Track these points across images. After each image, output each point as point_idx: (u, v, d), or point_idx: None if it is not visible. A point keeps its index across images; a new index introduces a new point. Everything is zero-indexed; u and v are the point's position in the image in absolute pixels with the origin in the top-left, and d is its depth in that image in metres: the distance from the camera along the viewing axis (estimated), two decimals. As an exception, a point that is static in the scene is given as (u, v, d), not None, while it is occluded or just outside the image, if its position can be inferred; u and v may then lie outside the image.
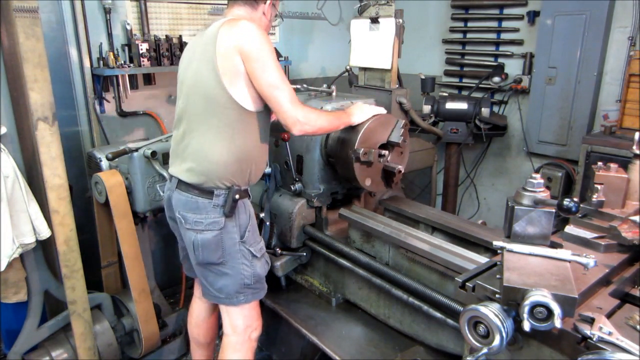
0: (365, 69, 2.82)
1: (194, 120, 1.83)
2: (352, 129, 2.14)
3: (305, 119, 1.76)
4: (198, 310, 2.28)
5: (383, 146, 2.21)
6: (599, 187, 1.52)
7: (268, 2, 1.94)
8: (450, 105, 3.48)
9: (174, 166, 1.93)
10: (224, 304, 1.97)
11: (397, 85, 2.69)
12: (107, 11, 2.84)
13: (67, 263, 2.22)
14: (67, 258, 2.22)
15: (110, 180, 2.38)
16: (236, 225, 1.86)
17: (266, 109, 1.87)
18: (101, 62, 2.85)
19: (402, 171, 2.31)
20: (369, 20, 2.64)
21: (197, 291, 2.27)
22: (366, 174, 2.18)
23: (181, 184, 1.87)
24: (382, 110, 2.18)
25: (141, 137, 3.15)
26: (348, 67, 2.97)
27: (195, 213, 1.83)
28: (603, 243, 1.42)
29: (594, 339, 1.01)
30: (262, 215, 2.49)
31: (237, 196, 1.81)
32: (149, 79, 3.15)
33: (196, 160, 1.82)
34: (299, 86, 2.73)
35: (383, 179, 2.28)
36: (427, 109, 3.50)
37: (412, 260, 2.03)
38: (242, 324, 2.00)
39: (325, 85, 2.60)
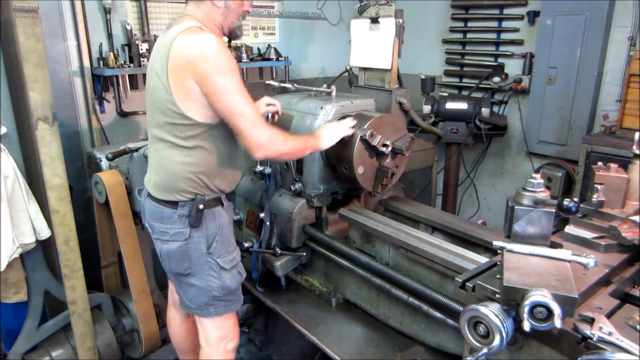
0: (365, 69, 2.82)
1: (154, 134, 1.76)
2: (363, 116, 2.19)
3: (269, 143, 1.65)
4: (171, 317, 2.24)
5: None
6: (599, 187, 1.52)
7: None
8: (450, 105, 3.48)
9: (147, 175, 1.90)
10: (195, 314, 1.93)
11: (397, 85, 2.69)
12: (107, 11, 2.84)
13: (67, 263, 2.22)
14: (67, 258, 2.22)
15: (110, 180, 2.38)
16: (203, 235, 1.79)
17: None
18: (101, 62, 2.85)
19: (395, 176, 2.32)
20: (369, 20, 2.64)
21: (170, 298, 2.23)
22: (362, 161, 2.18)
23: (149, 194, 1.85)
24: (349, 132, 2.07)
25: (141, 137, 3.15)
26: (348, 67, 2.97)
27: (162, 223, 1.79)
28: (603, 243, 1.42)
29: (594, 339, 1.01)
30: (262, 215, 2.49)
31: (201, 206, 1.74)
32: (149, 79, 3.15)
33: (158, 174, 1.78)
34: (289, 85, 2.73)
35: (374, 179, 2.29)
36: (427, 109, 3.50)
37: (412, 260, 2.03)
38: (215, 336, 1.94)
39: (325, 85, 2.60)
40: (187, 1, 1.78)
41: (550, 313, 1.00)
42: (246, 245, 2.52)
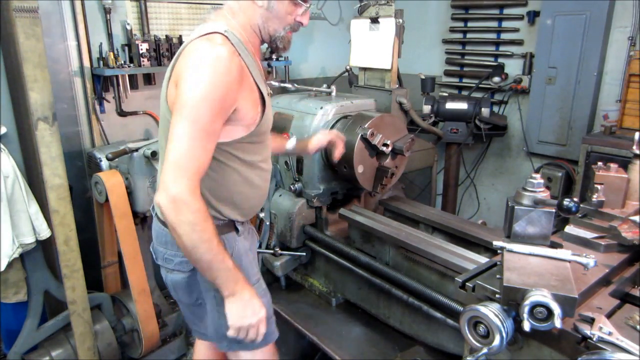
0: (365, 69, 2.82)
1: (162, 146, 1.44)
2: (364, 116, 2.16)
3: (174, 202, 1.23)
4: (199, 348, 1.95)
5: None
6: (599, 187, 1.52)
7: None
8: (450, 105, 3.48)
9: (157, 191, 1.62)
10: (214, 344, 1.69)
11: (397, 85, 2.69)
12: (107, 11, 2.84)
13: (67, 263, 2.22)
14: (67, 258, 2.22)
15: (110, 180, 2.38)
16: None
17: (251, 135, 1.44)
18: (101, 62, 2.85)
19: (395, 176, 2.33)
20: (369, 20, 2.64)
21: None
22: (362, 160, 2.19)
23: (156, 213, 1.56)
24: (261, 322, 1.44)
25: (141, 137, 3.15)
26: (348, 67, 2.97)
27: (166, 247, 1.52)
28: (603, 243, 1.42)
29: (594, 339, 1.01)
30: (262, 215, 2.49)
31: None
32: (149, 79, 3.15)
33: None
34: (289, 85, 2.73)
35: (374, 178, 2.29)
36: (427, 109, 3.50)
37: (412, 260, 2.03)
38: None
39: (325, 85, 2.60)
40: None
41: (550, 313, 1.00)
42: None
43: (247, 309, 1.37)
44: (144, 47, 2.90)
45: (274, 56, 3.48)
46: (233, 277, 1.35)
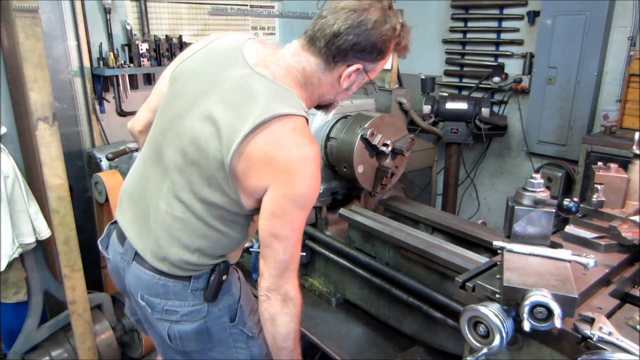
0: (365, 69, 2.82)
1: (178, 195, 1.32)
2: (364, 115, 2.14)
3: (284, 301, 1.29)
4: None
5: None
6: (599, 187, 1.52)
7: (355, 66, 1.29)
8: (450, 105, 3.48)
9: (130, 222, 1.41)
10: None
11: (397, 85, 2.69)
12: (107, 11, 2.85)
13: (67, 263, 2.22)
14: (67, 258, 2.22)
15: (110, 180, 2.38)
16: (224, 306, 1.42)
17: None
18: (101, 62, 2.86)
19: (395, 176, 2.33)
20: (369, 20, 2.64)
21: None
22: (362, 160, 2.18)
23: (140, 257, 1.37)
24: None
25: (141, 137, 3.15)
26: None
27: (165, 299, 1.35)
28: (603, 243, 1.41)
29: (594, 339, 1.01)
30: (262, 215, 2.49)
31: (224, 277, 1.38)
32: (149, 79, 3.16)
33: (166, 245, 1.33)
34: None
35: (374, 178, 2.29)
36: (427, 109, 3.50)
37: (412, 260, 2.03)
38: None
39: (325, 85, 2.60)
40: (303, 44, 1.32)
41: (550, 313, 1.00)
42: (246, 245, 2.52)
43: None
44: (144, 47, 2.90)
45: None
46: None
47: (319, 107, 1.47)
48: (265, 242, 1.26)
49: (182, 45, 3.02)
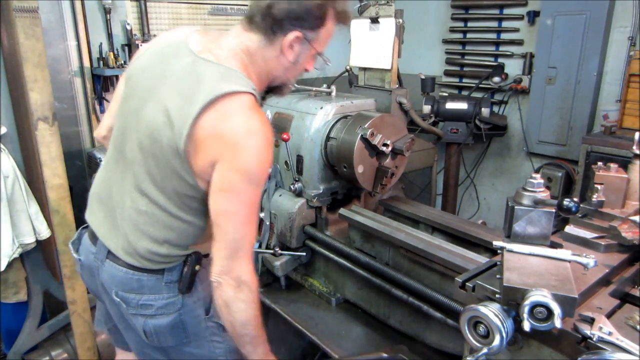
0: (365, 69, 2.82)
1: (141, 188, 1.34)
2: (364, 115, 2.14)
3: (241, 283, 1.24)
4: None
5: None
6: (599, 187, 1.52)
7: (293, 34, 1.29)
8: (450, 105, 3.48)
9: (101, 223, 1.42)
10: None
11: (397, 85, 2.69)
12: (107, 11, 2.85)
13: (67, 263, 2.22)
14: (67, 258, 2.22)
15: (110, 180, 2.38)
16: (199, 298, 1.43)
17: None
18: (101, 62, 2.86)
19: (395, 176, 2.33)
20: (369, 20, 2.64)
21: None
22: (362, 160, 2.19)
23: (113, 255, 1.39)
24: None
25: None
26: (348, 67, 2.97)
27: (140, 293, 1.36)
28: (603, 243, 1.41)
29: (594, 339, 1.01)
30: (262, 215, 2.49)
31: (197, 267, 1.38)
32: (149, 79, 3.15)
33: (135, 240, 1.35)
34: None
35: (374, 178, 2.29)
36: (427, 109, 3.50)
37: (412, 260, 2.03)
38: None
39: (325, 85, 2.60)
40: (244, 24, 1.33)
41: (550, 313, 1.00)
42: (246, 245, 2.52)
43: None
44: (144, 47, 2.90)
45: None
46: (265, 348, 1.39)
47: (272, 90, 1.46)
48: (215, 221, 1.24)
49: (182, 45, 3.03)
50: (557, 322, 0.99)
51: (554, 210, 1.22)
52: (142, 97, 1.32)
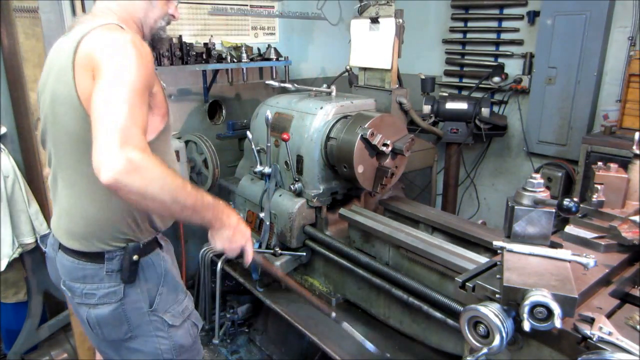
0: (365, 69, 2.82)
1: (63, 174, 1.37)
2: (364, 115, 2.13)
3: (140, 164, 1.09)
4: None
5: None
6: (599, 187, 1.52)
7: None
8: (450, 105, 3.48)
9: (53, 219, 1.47)
10: None
11: (397, 85, 2.69)
12: (107, 11, 2.84)
13: (67, 263, 2.22)
14: (67, 258, 2.22)
15: (110, 180, 2.38)
16: (142, 291, 1.43)
17: (165, 130, 1.43)
18: (101, 62, 2.85)
19: (395, 176, 2.33)
20: (369, 20, 2.64)
21: None
22: (362, 160, 2.19)
23: (63, 245, 1.43)
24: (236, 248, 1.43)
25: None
26: (348, 67, 2.97)
27: (84, 283, 1.40)
28: (603, 243, 1.42)
29: (594, 339, 1.01)
30: (262, 215, 2.49)
31: (135, 257, 1.39)
32: (148, 79, 3.15)
33: (72, 219, 1.38)
34: (289, 85, 2.72)
35: (374, 178, 2.29)
36: (427, 109, 3.50)
37: (412, 260, 2.03)
38: None
39: (325, 85, 2.60)
40: None
41: (550, 313, 1.00)
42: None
43: (237, 234, 1.38)
44: (143, 47, 2.90)
45: (272, 56, 3.48)
46: (219, 209, 1.32)
47: (154, 41, 1.53)
48: (96, 119, 1.13)
49: (182, 46, 3.02)
50: (557, 322, 0.99)
51: (554, 210, 1.22)
52: (44, 97, 1.37)
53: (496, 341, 1.07)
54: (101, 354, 1.60)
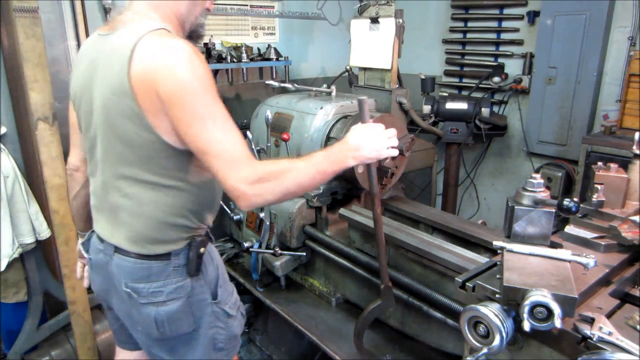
0: (365, 69, 2.82)
1: (120, 173, 1.35)
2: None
3: (253, 189, 1.20)
4: None
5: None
6: (599, 187, 1.52)
7: None
8: (450, 105, 3.49)
9: (104, 227, 1.46)
10: None
11: (397, 85, 2.69)
12: (107, 11, 2.84)
13: (67, 263, 2.22)
14: (67, 258, 2.22)
15: (110, 180, 2.38)
16: (205, 283, 1.45)
17: None
18: (101, 62, 2.85)
19: (395, 176, 2.33)
20: (369, 20, 2.64)
21: None
22: None
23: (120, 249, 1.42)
24: (388, 147, 1.55)
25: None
26: (348, 67, 2.97)
27: (149, 282, 1.38)
28: (603, 243, 1.42)
29: (594, 339, 1.01)
30: (262, 215, 2.49)
31: (202, 249, 1.41)
32: (149, 79, 3.15)
33: (134, 225, 1.37)
34: (289, 85, 2.72)
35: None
36: (427, 109, 3.50)
37: (412, 260, 2.03)
38: None
39: (325, 85, 2.60)
40: None
41: (550, 313, 1.00)
42: (246, 245, 2.52)
43: (368, 146, 1.46)
44: (143, 47, 2.90)
45: (272, 56, 3.48)
46: (335, 155, 1.39)
47: (191, 37, 1.49)
48: (202, 150, 1.21)
49: (182, 45, 3.03)
50: (557, 322, 0.99)
51: (554, 210, 1.22)
52: (88, 101, 1.35)
53: (496, 341, 1.07)
54: (150, 356, 1.58)
